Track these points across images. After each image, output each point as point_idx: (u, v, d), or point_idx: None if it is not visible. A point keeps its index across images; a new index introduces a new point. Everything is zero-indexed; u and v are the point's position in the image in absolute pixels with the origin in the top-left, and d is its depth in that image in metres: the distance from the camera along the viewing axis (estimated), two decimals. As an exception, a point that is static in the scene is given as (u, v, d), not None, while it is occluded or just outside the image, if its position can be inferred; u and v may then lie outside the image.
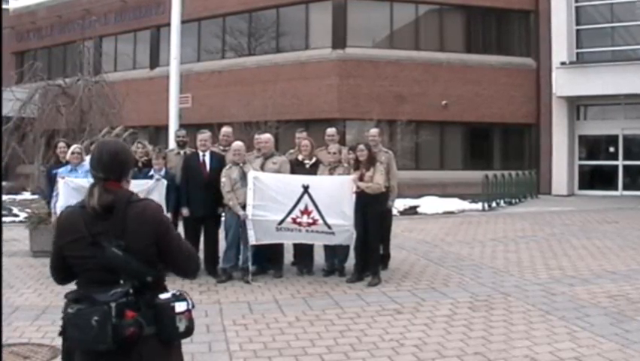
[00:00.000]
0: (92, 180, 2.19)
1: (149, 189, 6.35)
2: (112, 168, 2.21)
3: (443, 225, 10.92)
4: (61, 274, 2.26)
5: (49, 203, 6.92)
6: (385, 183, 6.41)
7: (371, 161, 6.31)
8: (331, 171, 6.56)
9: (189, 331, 2.18)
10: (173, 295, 2.15)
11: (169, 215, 6.49)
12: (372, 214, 6.24)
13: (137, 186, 6.29)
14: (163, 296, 2.14)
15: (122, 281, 2.10)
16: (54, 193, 6.51)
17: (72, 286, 2.20)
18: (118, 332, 2.03)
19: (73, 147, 6.81)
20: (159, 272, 2.20)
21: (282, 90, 16.50)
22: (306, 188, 6.24)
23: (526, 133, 18.06)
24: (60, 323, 2.14)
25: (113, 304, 2.04)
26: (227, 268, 6.50)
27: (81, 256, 2.14)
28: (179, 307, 2.13)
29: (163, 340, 2.14)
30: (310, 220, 6.22)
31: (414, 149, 16.24)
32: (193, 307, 2.18)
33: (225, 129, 7.28)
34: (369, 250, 6.30)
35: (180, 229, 6.93)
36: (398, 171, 7.17)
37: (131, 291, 2.08)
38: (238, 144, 6.57)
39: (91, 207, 2.13)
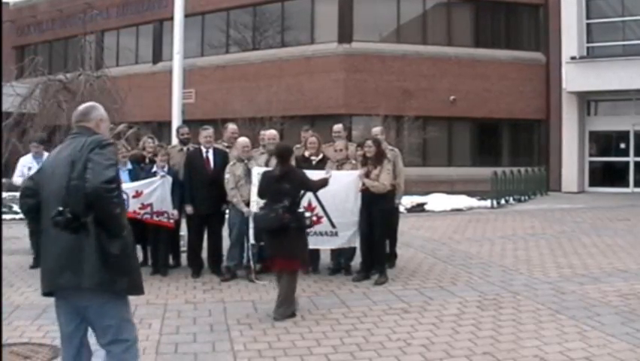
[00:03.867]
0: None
1: (155, 186, 6.30)
2: (283, 155, 5.24)
3: (451, 222, 10.83)
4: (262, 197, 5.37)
5: None
6: (392, 181, 6.30)
7: (379, 158, 6.19)
8: (339, 168, 6.47)
9: (310, 225, 5.29)
10: (304, 210, 5.29)
11: (174, 212, 6.44)
12: (378, 212, 6.13)
13: (143, 185, 6.27)
14: (300, 210, 5.16)
15: (285, 200, 4.93)
16: None
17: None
18: (281, 221, 4.88)
19: None
20: (297, 200, 5.24)
21: (287, 85, 16.42)
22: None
23: (535, 129, 17.88)
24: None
25: (280, 209, 4.89)
26: (231, 267, 6.43)
27: (270, 188, 5.12)
28: (307, 214, 5.25)
29: (299, 228, 5.01)
30: (314, 218, 6.12)
31: (421, 145, 16.11)
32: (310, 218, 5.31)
33: (233, 126, 7.23)
34: (375, 248, 6.21)
35: (184, 226, 6.88)
36: (405, 168, 7.08)
37: (287, 205, 4.92)
38: (245, 141, 6.51)
39: (276, 173, 5.17)
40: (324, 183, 5.54)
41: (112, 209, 2.79)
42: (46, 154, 6.88)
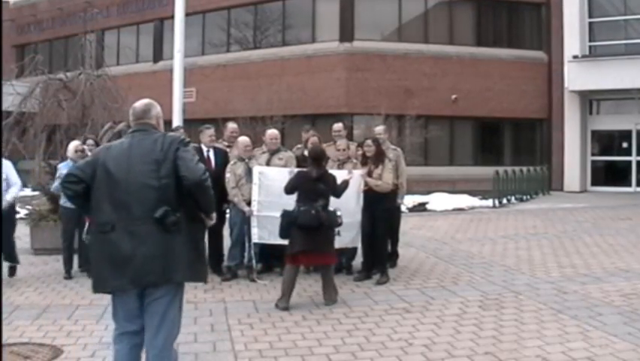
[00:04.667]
0: None
1: None
2: (317, 158, 5.55)
3: (453, 222, 10.80)
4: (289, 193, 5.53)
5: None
6: (394, 181, 6.28)
7: (380, 157, 6.17)
8: (340, 167, 6.45)
9: (341, 223, 5.49)
10: (335, 209, 5.42)
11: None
12: (380, 212, 6.11)
13: None
14: (331, 208, 5.41)
15: (319, 200, 5.28)
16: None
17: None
18: (320, 218, 5.22)
19: (77, 145, 6.72)
20: (329, 200, 5.44)
21: (288, 84, 16.39)
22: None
23: (537, 128, 17.84)
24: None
25: (319, 207, 5.26)
26: (232, 266, 6.42)
27: (306, 187, 5.38)
28: (338, 212, 5.42)
29: (330, 226, 5.37)
30: None
31: (423, 144, 16.07)
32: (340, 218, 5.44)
33: (232, 125, 7.21)
34: (377, 247, 6.18)
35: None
36: (407, 167, 7.05)
37: (323, 205, 5.31)
38: (246, 140, 6.49)
39: (313, 175, 5.42)
40: (346, 186, 5.65)
41: (210, 193, 3.12)
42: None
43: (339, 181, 5.61)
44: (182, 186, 3.00)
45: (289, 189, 5.50)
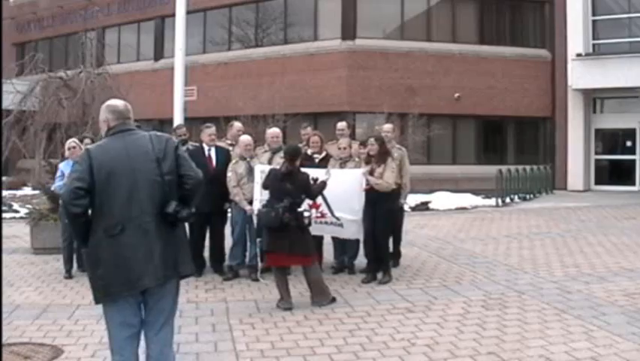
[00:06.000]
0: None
1: None
2: (291, 155, 5.35)
3: (456, 221, 10.77)
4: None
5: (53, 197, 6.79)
6: (397, 181, 6.23)
7: (383, 156, 6.12)
8: (342, 166, 6.44)
9: (309, 223, 5.24)
10: (305, 209, 5.22)
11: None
12: (382, 211, 6.07)
13: None
14: (300, 209, 5.16)
15: (285, 200, 5.08)
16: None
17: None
18: (282, 219, 5.02)
19: (70, 142, 6.70)
20: (298, 200, 5.21)
21: (290, 82, 16.34)
22: (314, 181, 6.09)
23: (540, 127, 17.76)
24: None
25: (280, 208, 5.04)
26: (233, 266, 6.40)
27: (274, 186, 5.30)
28: (306, 213, 5.21)
29: (299, 227, 5.12)
30: (318, 214, 6.08)
31: (425, 143, 16.00)
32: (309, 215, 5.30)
33: (239, 124, 7.23)
34: (378, 247, 6.13)
35: (185, 225, 6.83)
36: (409, 166, 7.00)
37: (287, 205, 5.06)
38: (248, 139, 6.47)
39: (281, 171, 5.31)
40: (322, 187, 5.54)
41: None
42: None
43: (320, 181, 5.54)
44: (181, 183, 3.10)
45: (263, 187, 5.55)
